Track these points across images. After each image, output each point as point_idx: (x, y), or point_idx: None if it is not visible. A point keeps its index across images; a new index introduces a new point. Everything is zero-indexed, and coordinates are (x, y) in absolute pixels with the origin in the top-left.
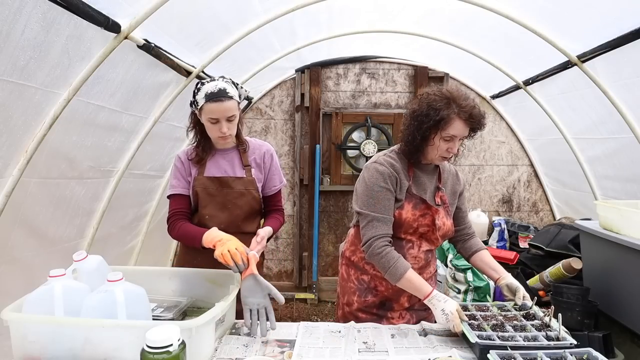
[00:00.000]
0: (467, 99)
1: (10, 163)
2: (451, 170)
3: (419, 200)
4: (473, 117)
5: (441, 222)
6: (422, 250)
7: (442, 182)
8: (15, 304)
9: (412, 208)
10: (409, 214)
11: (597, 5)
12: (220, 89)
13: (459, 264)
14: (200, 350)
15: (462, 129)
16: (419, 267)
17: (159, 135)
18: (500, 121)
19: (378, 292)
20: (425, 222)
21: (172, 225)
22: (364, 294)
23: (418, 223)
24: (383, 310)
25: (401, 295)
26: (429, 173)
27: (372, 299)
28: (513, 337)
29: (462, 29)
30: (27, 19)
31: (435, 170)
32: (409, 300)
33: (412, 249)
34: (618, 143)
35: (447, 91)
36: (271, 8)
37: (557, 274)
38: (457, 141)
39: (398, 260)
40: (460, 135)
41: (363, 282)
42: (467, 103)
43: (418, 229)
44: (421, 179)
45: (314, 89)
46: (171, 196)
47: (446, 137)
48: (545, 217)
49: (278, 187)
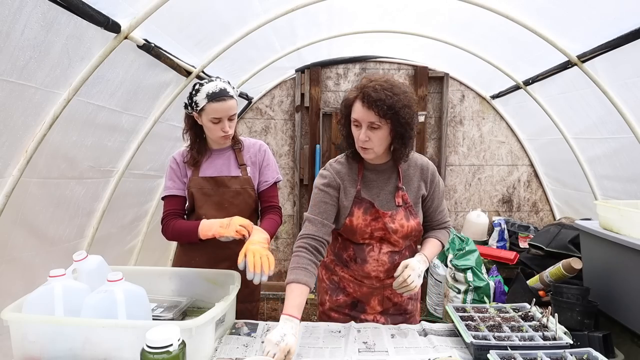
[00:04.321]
0: (375, 81)
1: (10, 163)
2: (418, 165)
3: (368, 204)
4: (368, 97)
5: (397, 225)
6: (383, 253)
7: (402, 180)
8: (15, 304)
9: (363, 213)
10: (360, 220)
11: (597, 5)
12: (221, 88)
13: (459, 264)
14: (200, 350)
15: (362, 111)
16: (385, 270)
17: (159, 135)
18: (500, 121)
19: (348, 293)
20: (378, 226)
21: (165, 226)
22: (335, 293)
23: (371, 228)
24: (355, 311)
25: (371, 298)
26: (383, 173)
27: (343, 299)
28: (509, 337)
29: (462, 29)
30: (27, 18)
31: (392, 170)
32: (380, 304)
33: (372, 251)
34: (618, 143)
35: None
36: (271, 8)
37: (557, 274)
38: (365, 127)
39: (298, 268)
40: (362, 119)
41: (334, 281)
42: (370, 84)
43: (373, 233)
44: (373, 182)
45: (314, 89)
46: (165, 197)
47: (355, 123)
48: (545, 217)
49: (270, 182)
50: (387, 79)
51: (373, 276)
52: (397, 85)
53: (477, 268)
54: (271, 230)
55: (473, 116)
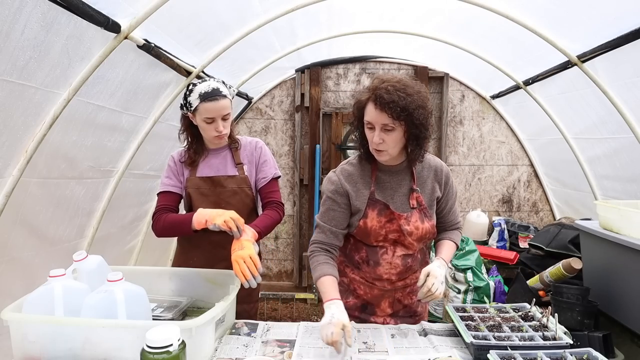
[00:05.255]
0: (387, 82)
1: (10, 163)
2: (432, 166)
3: (383, 206)
4: (381, 99)
5: (412, 227)
6: (397, 256)
7: (416, 182)
8: (15, 304)
9: (377, 215)
10: (374, 222)
11: (597, 5)
12: (213, 88)
13: (459, 264)
14: (200, 350)
15: (375, 113)
16: (397, 273)
17: (159, 135)
18: (500, 121)
19: (358, 295)
20: (393, 229)
21: (156, 220)
22: (344, 295)
23: (386, 230)
24: (365, 314)
25: (382, 301)
26: (397, 175)
27: (353, 301)
28: (509, 337)
29: (462, 29)
30: (27, 18)
31: (406, 171)
32: (391, 306)
33: (385, 254)
34: (618, 143)
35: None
36: (271, 8)
37: (557, 274)
38: (378, 130)
39: (319, 264)
40: (375, 121)
41: (343, 283)
42: (383, 85)
43: (387, 235)
44: (387, 183)
45: (314, 89)
46: (160, 193)
47: (368, 126)
48: (545, 217)
49: (268, 178)
50: (400, 79)
51: (385, 279)
52: (410, 86)
53: (477, 268)
54: (261, 225)
55: (473, 116)
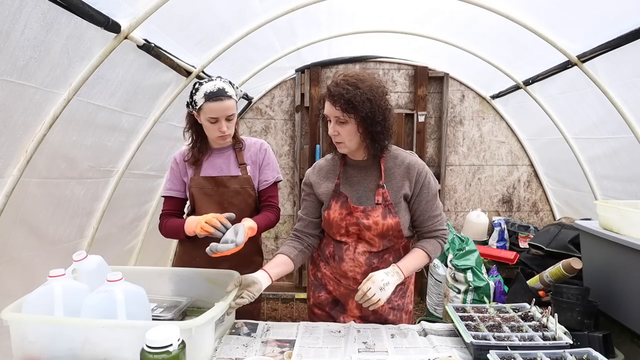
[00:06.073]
0: (342, 75)
1: (10, 163)
2: (405, 163)
3: (345, 199)
4: (329, 91)
5: (371, 222)
6: (359, 252)
7: (384, 178)
8: (15, 304)
9: (340, 207)
10: (337, 214)
11: (597, 5)
12: (219, 88)
13: (459, 264)
14: (200, 350)
15: (328, 106)
16: (362, 273)
17: (159, 135)
18: (500, 121)
19: (329, 291)
20: (352, 222)
21: (160, 224)
22: (317, 289)
23: (346, 222)
24: (336, 311)
25: (349, 300)
26: (364, 170)
27: (324, 296)
28: (509, 337)
29: (462, 29)
30: (27, 18)
31: (375, 167)
32: (359, 309)
33: (348, 250)
34: (618, 143)
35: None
36: (271, 8)
37: (557, 274)
38: (333, 122)
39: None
40: (328, 113)
41: (317, 277)
42: (335, 79)
43: (348, 228)
44: (353, 177)
45: (314, 89)
46: (164, 197)
47: (327, 119)
48: (545, 217)
49: (270, 182)
50: (357, 73)
51: (350, 276)
52: (363, 80)
53: (477, 268)
54: (261, 222)
55: (473, 116)
